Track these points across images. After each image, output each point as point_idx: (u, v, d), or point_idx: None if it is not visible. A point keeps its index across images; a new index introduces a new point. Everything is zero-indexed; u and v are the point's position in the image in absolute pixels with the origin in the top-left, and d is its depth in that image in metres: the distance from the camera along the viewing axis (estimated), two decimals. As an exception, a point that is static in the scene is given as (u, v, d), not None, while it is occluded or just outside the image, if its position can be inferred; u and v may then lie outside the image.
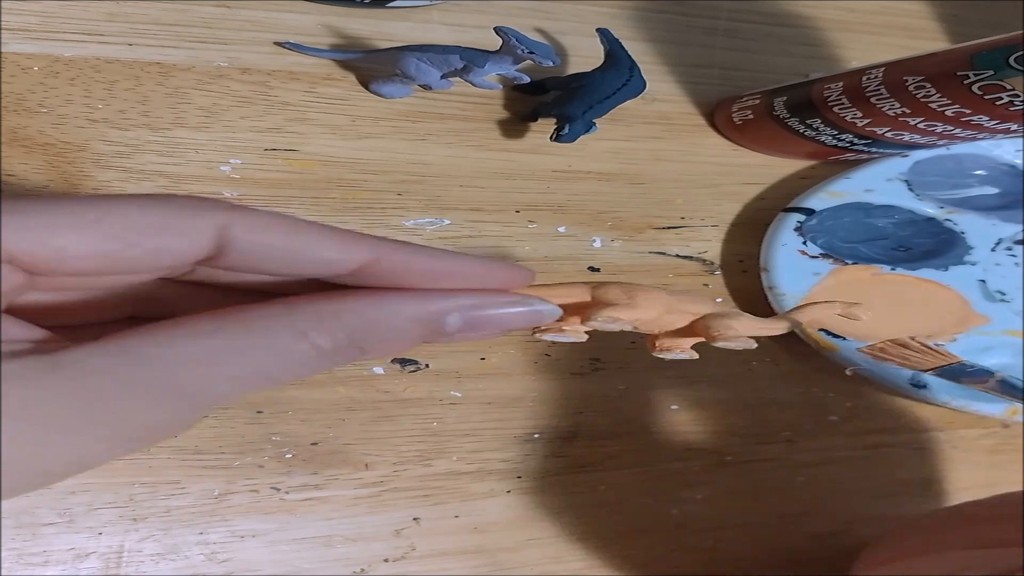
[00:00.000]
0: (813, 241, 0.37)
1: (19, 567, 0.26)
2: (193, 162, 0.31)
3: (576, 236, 0.36)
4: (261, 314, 0.18)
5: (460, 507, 0.30)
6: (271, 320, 0.18)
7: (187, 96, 0.32)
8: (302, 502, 0.29)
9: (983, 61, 0.31)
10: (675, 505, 0.33)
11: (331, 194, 0.33)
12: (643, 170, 0.38)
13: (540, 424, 0.32)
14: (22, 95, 0.30)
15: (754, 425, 0.35)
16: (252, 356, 0.17)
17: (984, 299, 0.38)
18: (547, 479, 0.32)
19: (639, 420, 0.34)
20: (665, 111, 0.40)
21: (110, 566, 0.26)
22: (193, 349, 0.17)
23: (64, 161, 0.30)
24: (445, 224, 0.34)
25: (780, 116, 0.38)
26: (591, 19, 0.40)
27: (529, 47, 0.32)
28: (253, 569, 0.28)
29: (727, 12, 0.44)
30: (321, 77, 0.34)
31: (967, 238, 0.39)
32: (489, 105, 0.36)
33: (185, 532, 0.27)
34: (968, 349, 0.37)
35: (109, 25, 0.32)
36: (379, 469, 0.30)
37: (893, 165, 0.40)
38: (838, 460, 0.36)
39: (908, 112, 0.34)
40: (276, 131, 0.33)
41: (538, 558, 0.31)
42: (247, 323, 0.17)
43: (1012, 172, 0.41)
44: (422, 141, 0.35)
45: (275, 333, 0.17)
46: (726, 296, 0.37)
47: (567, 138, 0.34)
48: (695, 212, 0.38)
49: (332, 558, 0.29)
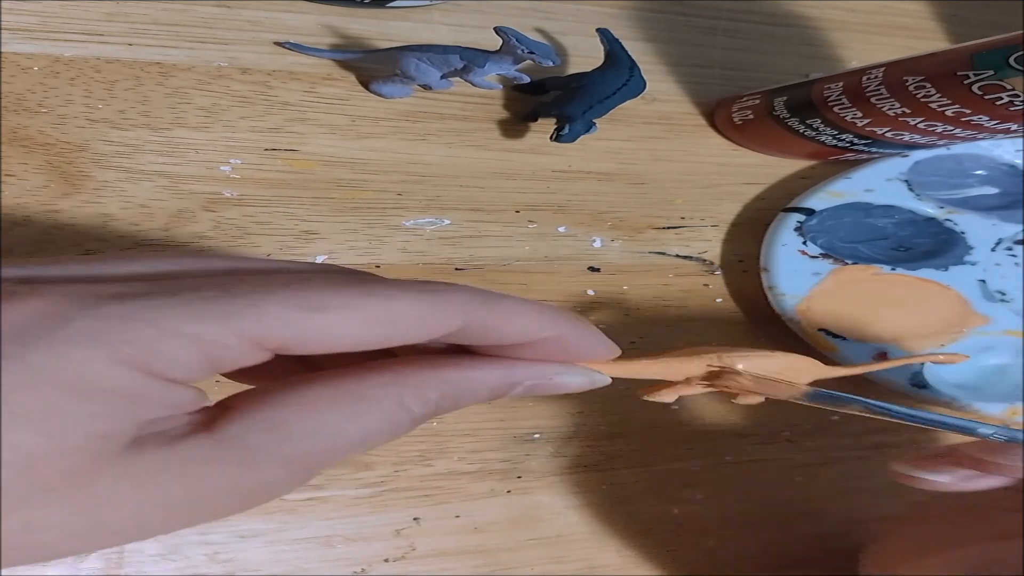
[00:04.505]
0: (813, 241, 0.37)
1: (19, 567, 0.26)
2: (193, 162, 0.31)
3: (576, 236, 0.36)
4: (371, 383, 0.18)
5: (460, 507, 0.30)
6: (380, 389, 0.18)
7: (187, 96, 0.32)
8: (302, 502, 0.29)
9: (983, 61, 0.31)
10: (675, 505, 0.33)
11: (331, 194, 0.33)
12: (643, 170, 0.38)
13: (540, 424, 0.32)
14: (22, 95, 0.30)
15: (754, 425, 0.35)
16: (363, 426, 0.17)
17: (984, 299, 0.38)
18: (547, 479, 0.32)
19: (639, 420, 0.34)
20: (665, 111, 0.40)
21: (110, 566, 0.26)
22: (317, 423, 0.17)
23: (64, 161, 0.30)
24: (445, 224, 0.34)
25: (780, 116, 0.38)
26: (591, 19, 0.40)
27: (529, 47, 0.32)
28: (253, 569, 0.28)
29: (727, 12, 0.44)
30: (321, 77, 0.34)
31: (967, 238, 0.39)
32: (489, 105, 0.36)
33: (186, 532, 0.27)
34: (968, 349, 0.37)
35: (109, 25, 0.32)
36: (379, 469, 0.30)
37: (893, 165, 0.40)
38: (838, 460, 0.36)
39: (908, 112, 0.34)
40: (276, 131, 0.33)
41: (538, 558, 0.31)
42: (359, 392, 0.18)
43: (1012, 172, 0.41)
44: (422, 141, 0.35)
45: (385, 406, 0.18)
46: (726, 296, 0.37)
47: (567, 138, 0.34)
48: (695, 212, 0.38)
49: (332, 558, 0.29)
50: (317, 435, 0.17)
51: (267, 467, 0.16)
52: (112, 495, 0.15)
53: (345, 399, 0.17)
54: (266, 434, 0.16)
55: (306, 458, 0.17)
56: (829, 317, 0.35)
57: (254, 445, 0.16)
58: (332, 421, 0.17)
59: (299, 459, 0.17)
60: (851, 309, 0.36)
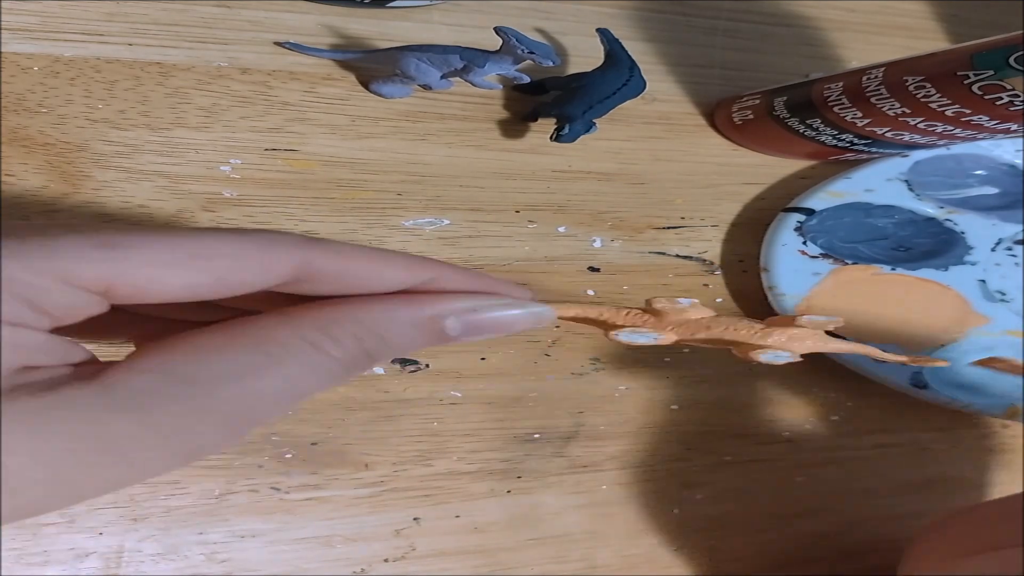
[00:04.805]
0: (813, 241, 0.37)
1: (19, 567, 0.26)
2: (193, 162, 0.31)
3: (576, 236, 0.36)
4: (268, 325, 0.18)
5: (460, 507, 0.30)
6: (282, 330, 0.18)
7: (187, 96, 0.32)
8: (302, 502, 0.29)
9: (983, 61, 0.31)
10: (675, 505, 0.33)
11: (331, 194, 0.33)
12: (643, 170, 0.38)
13: (540, 424, 0.32)
14: (22, 95, 0.30)
15: (754, 425, 0.35)
16: (279, 370, 0.17)
17: (984, 299, 0.38)
18: (547, 479, 0.32)
19: (639, 420, 0.34)
20: (665, 111, 0.40)
21: (110, 566, 0.26)
22: (225, 367, 0.17)
23: (64, 161, 0.30)
24: (445, 224, 0.34)
25: (780, 116, 0.38)
26: (591, 19, 0.40)
27: (529, 47, 0.32)
28: (253, 569, 0.28)
29: (727, 12, 0.44)
30: (321, 77, 0.34)
31: (967, 238, 0.39)
32: (489, 105, 0.36)
33: (185, 532, 0.27)
34: (968, 349, 0.37)
35: (109, 25, 0.32)
36: (379, 469, 0.30)
37: (893, 165, 0.40)
38: (838, 460, 0.36)
39: (908, 112, 0.34)
40: (276, 131, 0.33)
41: (538, 558, 0.31)
42: (261, 338, 0.18)
43: (1012, 172, 0.41)
44: (422, 141, 0.35)
45: (297, 350, 0.18)
46: (726, 296, 0.37)
47: (567, 138, 0.34)
48: (695, 212, 0.38)
49: (332, 558, 0.29)
50: (227, 379, 0.17)
51: (171, 414, 0.16)
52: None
53: (248, 343, 0.17)
54: (157, 379, 0.16)
55: (220, 404, 0.17)
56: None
57: (144, 390, 0.16)
58: (242, 366, 0.17)
59: (211, 405, 0.17)
60: (851, 309, 0.36)
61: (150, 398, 0.16)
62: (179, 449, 0.17)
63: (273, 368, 0.17)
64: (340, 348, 0.18)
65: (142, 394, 0.16)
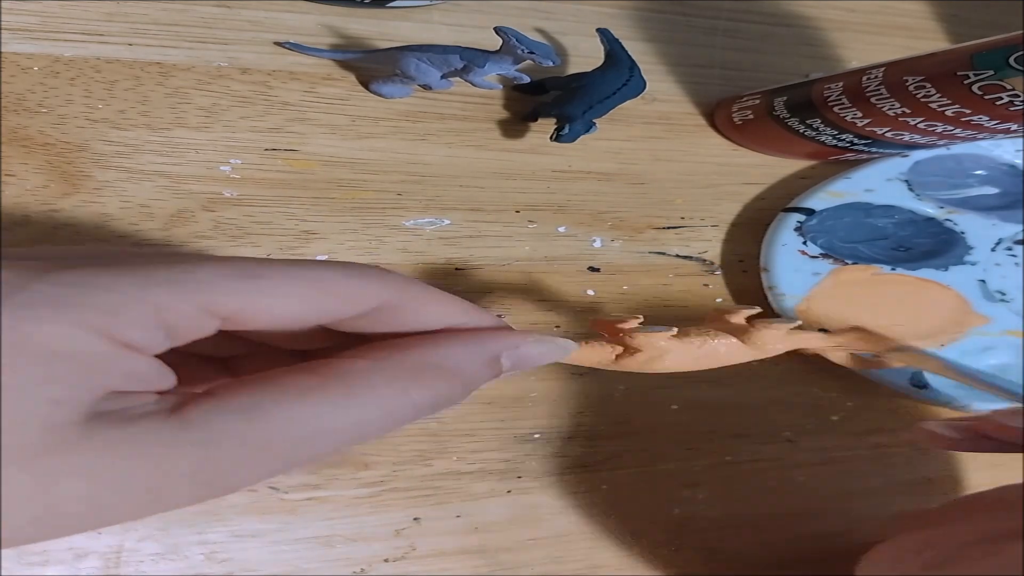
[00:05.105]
0: (813, 241, 0.37)
1: (19, 567, 0.26)
2: (193, 162, 0.31)
3: (576, 236, 0.36)
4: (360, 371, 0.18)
5: (460, 507, 0.30)
6: (372, 376, 0.18)
7: (187, 96, 0.32)
8: (302, 502, 0.29)
9: (983, 61, 0.31)
10: (675, 505, 0.33)
11: (331, 194, 0.33)
12: (643, 170, 0.38)
13: (540, 424, 0.32)
14: (22, 95, 0.30)
15: (754, 425, 0.35)
16: (355, 415, 0.17)
17: (984, 299, 0.38)
18: (547, 479, 0.32)
19: (639, 420, 0.34)
20: (665, 111, 0.40)
21: (109, 566, 0.26)
22: (301, 411, 0.17)
23: (64, 161, 0.30)
24: (445, 224, 0.34)
25: (780, 116, 0.38)
26: (591, 19, 0.40)
27: (529, 47, 0.32)
28: (253, 569, 0.28)
29: (727, 12, 0.44)
30: (321, 77, 0.34)
31: (967, 238, 0.39)
32: (489, 105, 0.36)
33: (184, 532, 0.27)
34: (968, 349, 0.37)
35: (109, 25, 0.32)
36: (379, 469, 0.30)
37: (893, 165, 0.40)
38: (838, 460, 0.36)
39: (908, 112, 0.34)
40: (276, 131, 0.33)
41: (538, 558, 0.31)
42: (348, 380, 0.18)
43: (1012, 172, 0.41)
44: (422, 141, 0.35)
45: (380, 393, 0.18)
46: (726, 296, 0.37)
47: (567, 138, 0.34)
48: (695, 212, 0.38)
49: (332, 558, 0.29)
50: (300, 424, 0.16)
51: (239, 453, 0.16)
52: (66, 471, 0.14)
53: (334, 386, 0.17)
54: (236, 419, 0.16)
55: (285, 446, 0.16)
56: (829, 317, 0.35)
57: (220, 428, 0.16)
58: (320, 411, 0.17)
59: (277, 447, 0.16)
60: (851, 309, 0.36)
61: (228, 440, 0.16)
62: (222, 485, 0.16)
63: (347, 413, 0.17)
64: (427, 393, 0.18)
65: (221, 435, 0.16)
